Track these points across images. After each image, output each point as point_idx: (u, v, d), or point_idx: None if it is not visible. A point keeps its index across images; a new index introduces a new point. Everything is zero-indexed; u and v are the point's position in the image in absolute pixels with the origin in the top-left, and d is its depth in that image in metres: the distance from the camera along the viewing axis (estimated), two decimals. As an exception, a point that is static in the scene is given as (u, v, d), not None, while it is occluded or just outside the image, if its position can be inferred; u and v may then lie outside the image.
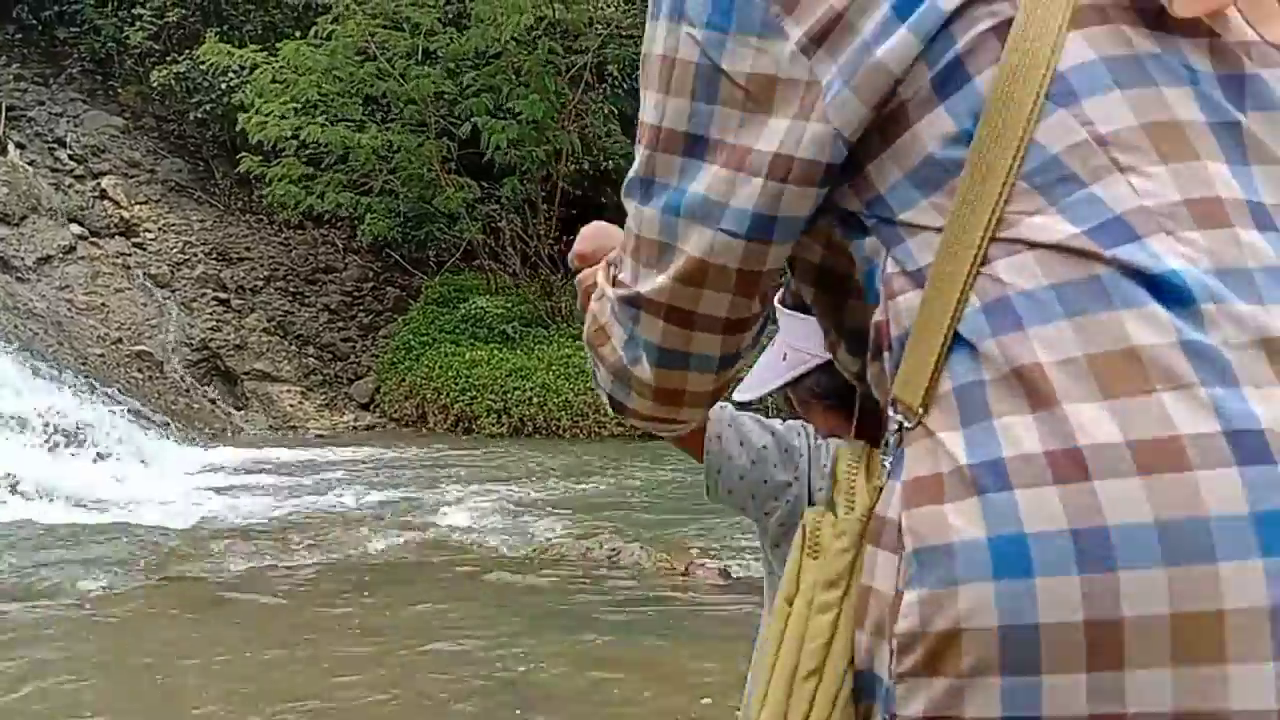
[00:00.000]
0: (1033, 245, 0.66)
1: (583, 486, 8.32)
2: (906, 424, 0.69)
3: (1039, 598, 0.61)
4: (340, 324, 14.24)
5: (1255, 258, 0.64)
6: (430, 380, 12.47)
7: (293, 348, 13.47)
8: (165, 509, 7.04)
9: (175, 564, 5.09)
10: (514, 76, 13.06)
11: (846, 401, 1.09)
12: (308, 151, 12.71)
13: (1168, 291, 0.63)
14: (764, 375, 1.31)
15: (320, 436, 11.86)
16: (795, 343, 1.18)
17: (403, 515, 6.72)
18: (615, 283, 0.86)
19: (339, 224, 14.55)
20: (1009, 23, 0.68)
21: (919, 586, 0.64)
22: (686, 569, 4.67)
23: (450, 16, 13.09)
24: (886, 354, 0.73)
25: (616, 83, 14.64)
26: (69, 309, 12.23)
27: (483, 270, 14.09)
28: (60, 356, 11.00)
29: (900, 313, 0.71)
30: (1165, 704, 0.60)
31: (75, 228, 13.36)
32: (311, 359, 13.52)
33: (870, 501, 0.72)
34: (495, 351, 12.62)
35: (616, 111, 14.88)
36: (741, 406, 1.37)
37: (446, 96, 13.09)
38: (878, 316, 0.74)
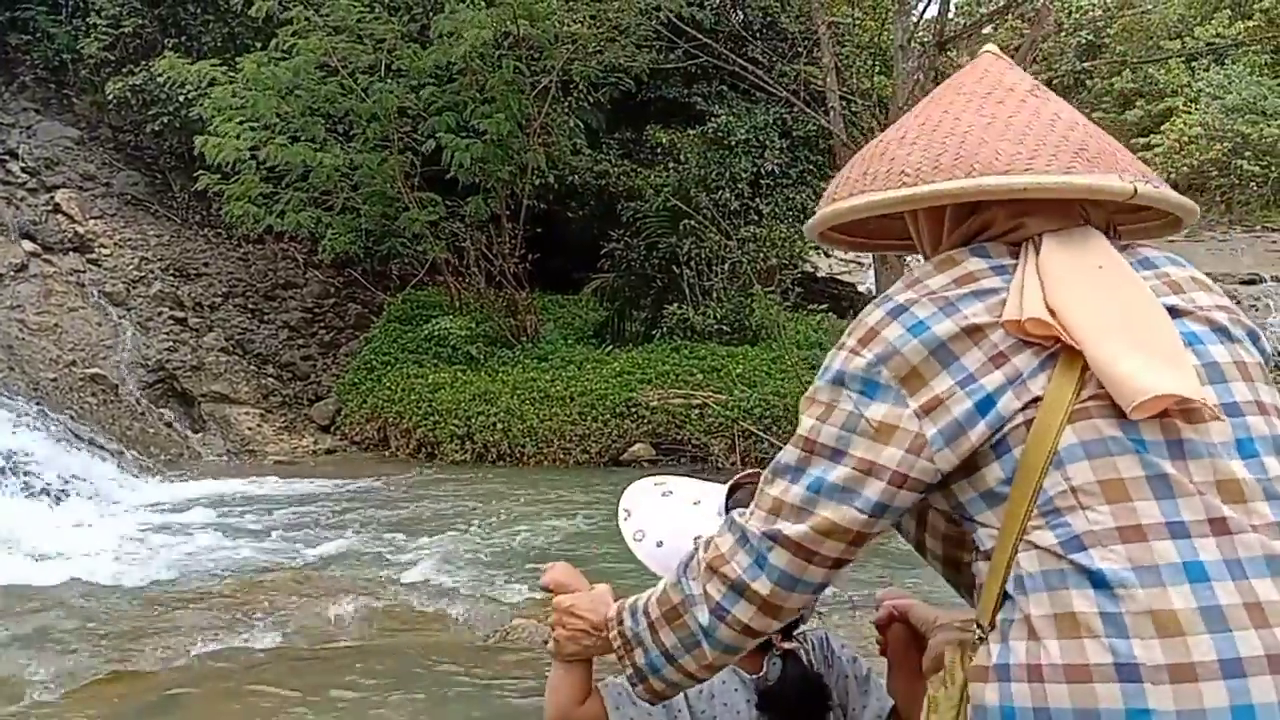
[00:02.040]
0: (1035, 546, 1.21)
1: (546, 528, 8.20)
2: (980, 636, 1.25)
3: None
4: (300, 342, 14.03)
5: (1160, 555, 1.15)
6: (393, 403, 12.30)
7: (251, 367, 13.25)
8: (117, 563, 6.87)
9: (124, 646, 4.92)
10: (478, 94, 12.89)
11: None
12: (267, 168, 12.47)
13: (1097, 580, 1.15)
14: None
15: (279, 463, 11.65)
16: None
17: (361, 573, 6.58)
18: (756, 517, 1.34)
19: (300, 238, 14.31)
20: (1030, 422, 1.24)
21: (973, 713, 1.22)
22: (650, 661, 4.57)
23: (413, 32, 12.89)
24: (976, 593, 1.30)
25: (582, 97, 14.49)
26: (20, 330, 11.95)
27: (447, 287, 13.93)
28: (10, 382, 10.75)
29: (980, 573, 1.28)
30: None
31: (28, 244, 13.06)
32: (270, 379, 13.31)
33: (963, 680, 1.27)
34: (459, 374, 12.47)
35: (582, 126, 14.74)
36: None
37: (410, 113, 12.90)
38: (970, 564, 1.33)
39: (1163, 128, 23.16)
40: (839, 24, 14.46)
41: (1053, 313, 1.25)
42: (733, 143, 14.34)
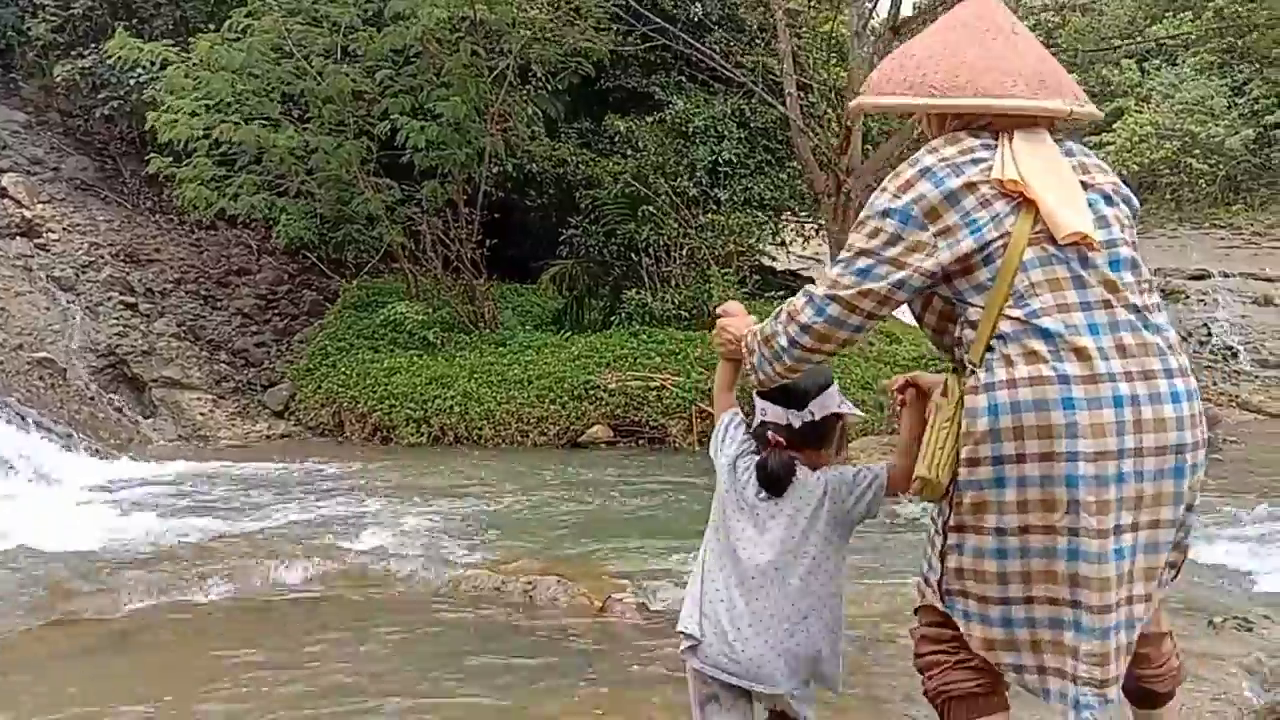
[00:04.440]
0: (1009, 317, 2.09)
1: (501, 504, 8.14)
2: (973, 366, 2.11)
3: (1000, 418, 2.06)
4: (254, 328, 13.84)
5: (1077, 321, 2.07)
6: (347, 388, 12.17)
7: (203, 353, 13.05)
8: (62, 532, 6.70)
9: (67, 600, 4.80)
10: (435, 77, 12.80)
11: (791, 436, 2.42)
12: (220, 152, 12.30)
13: (1045, 333, 2.07)
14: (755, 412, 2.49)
15: (232, 447, 11.49)
16: (766, 411, 2.45)
17: (313, 539, 6.47)
18: (820, 287, 2.22)
19: (253, 224, 14.14)
20: (1006, 244, 2.11)
21: (966, 419, 2.10)
22: (604, 605, 4.54)
23: (369, 14, 12.78)
24: (963, 347, 2.15)
25: (540, 84, 14.45)
26: (-35, 313, 11.69)
27: (403, 273, 13.81)
28: (-45, 364, 10.51)
29: (965, 336, 2.15)
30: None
31: (-27, 228, 12.79)
32: (223, 365, 13.12)
33: (959, 393, 2.14)
34: (415, 358, 12.36)
35: (541, 114, 14.68)
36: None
37: (366, 96, 12.78)
38: (957, 333, 2.18)
39: (1114, 126, 23.49)
40: (796, 11, 14.54)
41: (1021, 181, 2.10)
42: (690, 131, 14.37)
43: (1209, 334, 16.93)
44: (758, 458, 2.42)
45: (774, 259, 17.65)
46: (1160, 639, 2.34)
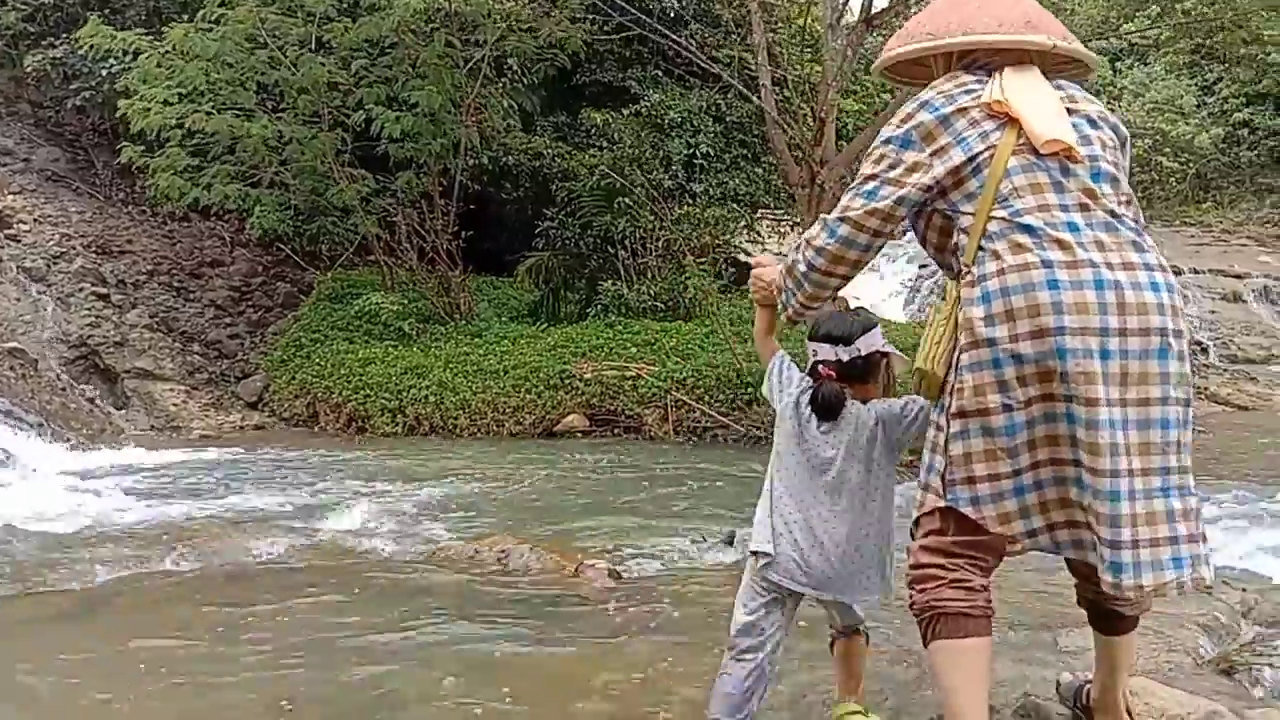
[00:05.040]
0: (995, 218, 2.35)
1: (476, 488, 8.15)
2: (967, 267, 2.37)
3: (992, 304, 2.30)
4: (227, 320, 13.79)
5: (1057, 218, 2.32)
6: (322, 378, 12.14)
7: (176, 345, 12.99)
8: (33, 515, 6.67)
9: (38, 573, 4.79)
10: (410, 68, 12.79)
11: (841, 371, 2.68)
12: (193, 142, 12.25)
13: (1029, 229, 2.32)
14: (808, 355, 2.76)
15: (205, 437, 11.44)
16: (818, 351, 2.71)
17: (286, 519, 6.48)
18: (832, 213, 2.50)
19: (227, 216, 14.08)
20: (992, 155, 2.38)
21: (962, 310, 2.35)
22: (576, 570, 4.57)
23: (344, 5, 12.76)
24: (960, 253, 2.40)
25: (516, 77, 14.44)
26: (-66, 303, 11.59)
27: (378, 265, 13.78)
28: (-76, 353, 10.41)
29: (961, 242, 2.40)
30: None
31: (-58, 218, 12.68)
32: (196, 356, 13.06)
33: (956, 294, 2.40)
34: (390, 349, 12.34)
35: (516, 106, 14.68)
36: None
37: (341, 87, 12.76)
38: (954, 241, 2.43)
39: (1086, 124, 23.67)
40: (770, 5, 14.60)
41: (1005, 101, 2.37)
42: (666, 124, 14.41)
43: (1179, 329, 17.12)
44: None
45: (749, 254, 17.74)
46: None
